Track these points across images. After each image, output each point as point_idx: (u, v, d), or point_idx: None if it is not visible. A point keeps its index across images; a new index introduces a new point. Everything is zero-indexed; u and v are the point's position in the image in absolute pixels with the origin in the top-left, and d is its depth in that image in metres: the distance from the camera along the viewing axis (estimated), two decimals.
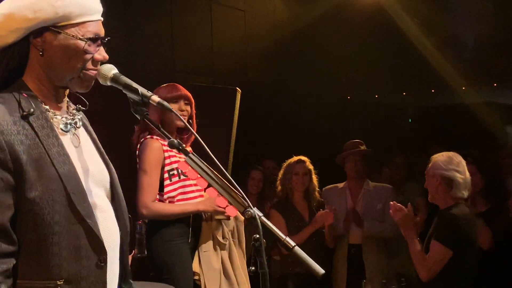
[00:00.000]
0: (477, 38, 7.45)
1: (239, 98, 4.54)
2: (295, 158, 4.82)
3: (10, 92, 1.63)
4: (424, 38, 6.99)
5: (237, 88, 4.58)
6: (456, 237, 3.39)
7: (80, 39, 1.66)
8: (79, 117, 1.77)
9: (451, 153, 3.57)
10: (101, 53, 1.72)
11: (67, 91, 1.76)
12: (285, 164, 4.86)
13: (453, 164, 3.49)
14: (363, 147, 5.05)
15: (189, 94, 3.56)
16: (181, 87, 3.56)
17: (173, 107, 3.36)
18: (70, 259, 1.60)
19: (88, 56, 1.68)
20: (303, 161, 4.77)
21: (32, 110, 1.60)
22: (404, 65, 7.37)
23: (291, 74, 7.14)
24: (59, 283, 1.57)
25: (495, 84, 7.89)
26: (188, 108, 3.52)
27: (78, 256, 1.61)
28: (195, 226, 3.47)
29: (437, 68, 7.00)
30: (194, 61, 6.07)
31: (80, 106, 1.80)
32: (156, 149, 3.39)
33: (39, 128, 1.61)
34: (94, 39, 1.68)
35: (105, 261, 1.66)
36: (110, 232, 1.71)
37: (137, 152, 3.38)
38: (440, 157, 3.55)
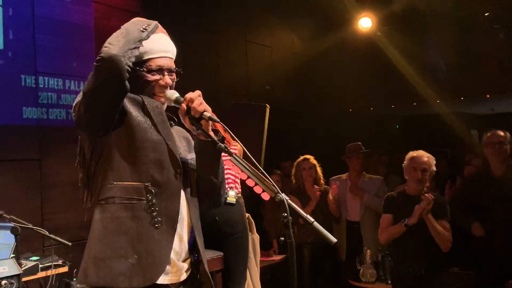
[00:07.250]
0: (447, 62, 7.33)
1: (268, 112, 4.50)
2: (301, 157, 4.67)
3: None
4: (407, 64, 6.92)
5: (267, 104, 4.54)
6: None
7: (143, 70, 1.69)
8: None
9: (415, 152, 3.45)
10: (164, 80, 1.72)
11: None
12: (295, 162, 4.71)
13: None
14: (363, 149, 4.84)
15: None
16: None
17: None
18: (155, 169, 1.61)
19: (152, 82, 1.70)
20: (308, 159, 4.62)
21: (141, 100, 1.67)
22: (392, 84, 7.28)
23: (307, 93, 7.10)
24: (147, 184, 1.59)
25: (462, 98, 7.75)
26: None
27: (161, 167, 1.62)
28: None
29: (417, 87, 6.91)
30: (234, 85, 6.07)
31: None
32: None
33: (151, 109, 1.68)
34: (157, 70, 1.70)
35: (180, 173, 1.66)
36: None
37: None
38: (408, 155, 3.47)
